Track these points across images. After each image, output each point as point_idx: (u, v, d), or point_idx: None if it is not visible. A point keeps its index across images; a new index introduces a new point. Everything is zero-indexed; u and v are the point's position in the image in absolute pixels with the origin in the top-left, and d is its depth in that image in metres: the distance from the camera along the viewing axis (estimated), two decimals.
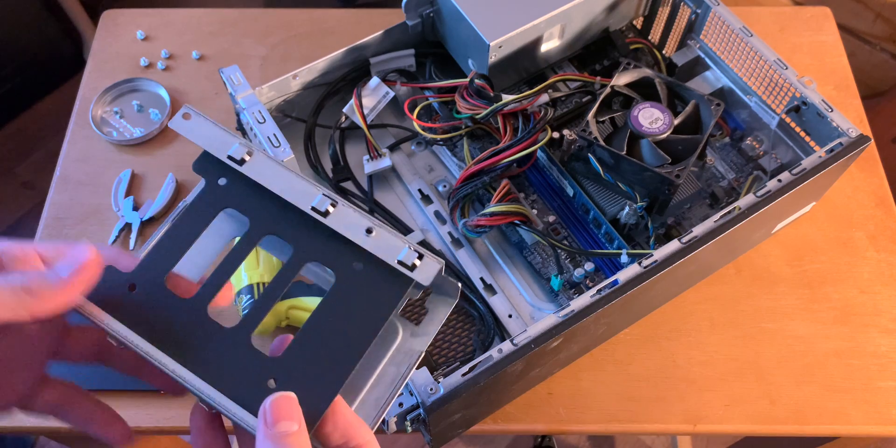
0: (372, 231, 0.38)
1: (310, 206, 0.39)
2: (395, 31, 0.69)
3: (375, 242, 0.38)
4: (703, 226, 0.56)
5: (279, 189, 0.39)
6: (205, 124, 0.40)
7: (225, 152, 0.40)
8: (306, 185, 0.39)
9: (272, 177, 0.39)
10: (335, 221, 0.39)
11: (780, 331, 0.67)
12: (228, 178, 0.41)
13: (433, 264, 0.38)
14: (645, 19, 0.74)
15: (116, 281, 0.39)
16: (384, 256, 0.38)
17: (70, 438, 0.75)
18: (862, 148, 0.59)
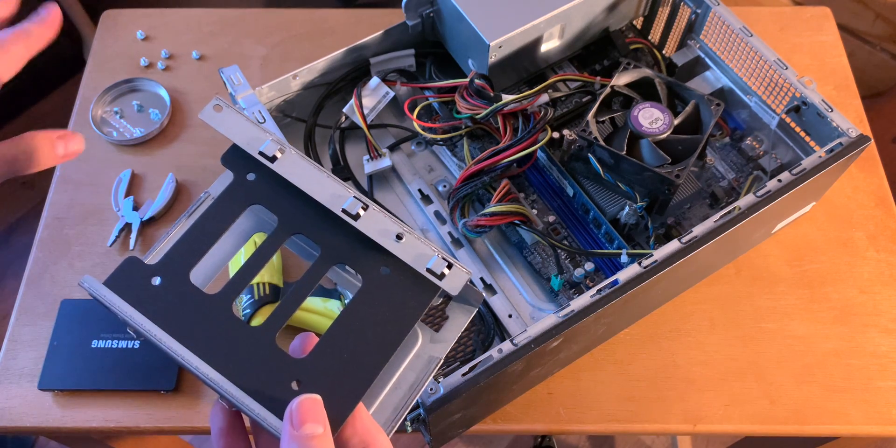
0: (402, 237, 0.38)
1: (340, 208, 0.38)
2: (395, 31, 0.69)
3: (405, 249, 0.38)
4: (703, 226, 0.56)
5: (310, 189, 0.39)
6: (236, 117, 0.40)
7: (256, 148, 0.39)
8: (338, 187, 0.38)
9: (303, 176, 0.39)
10: (366, 225, 0.38)
11: (780, 331, 0.67)
12: (258, 174, 0.40)
13: (462, 274, 0.38)
14: (645, 19, 0.74)
15: (140, 272, 0.38)
16: (413, 263, 0.38)
17: (70, 438, 0.75)
18: (862, 148, 0.59)
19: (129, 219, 0.72)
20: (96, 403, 0.64)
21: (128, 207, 0.73)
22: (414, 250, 0.38)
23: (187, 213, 0.40)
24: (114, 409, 0.63)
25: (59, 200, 0.74)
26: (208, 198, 0.40)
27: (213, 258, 0.40)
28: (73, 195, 0.74)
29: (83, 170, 0.76)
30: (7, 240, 1.46)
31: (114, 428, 0.63)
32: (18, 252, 1.44)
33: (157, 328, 0.37)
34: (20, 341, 0.67)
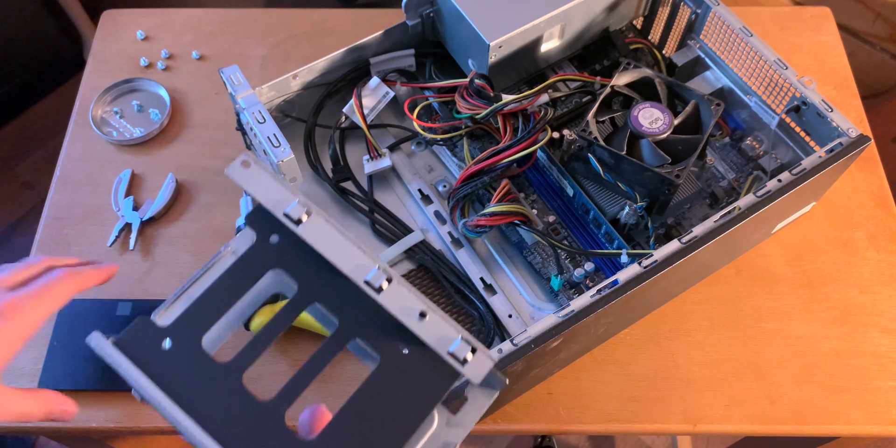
0: (426, 315, 0.36)
1: (363, 280, 0.36)
2: (395, 31, 0.69)
3: (427, 328, 0.36)
4: (703, 226, 0.56)
5: (333, 256, 0.37)
6: (263, 176, 0.38)
7: (282, 209, 0.37)
8: (362, 256, 0.37)
9: (328, 242, 0.37)
10: (388, 300, 0.36)
11: (780, 331, 0.67)
12: (281, 236, 0.39)
13: (486, 361, 0.36)
14: (645, 19, 0.74)
15: (151, 334, 0.37)
16: (435, 345, 0.36)
17: (70, 438, 0.75)
18: (862, 148, 0.59)
19: (129, 219, 0.72)
20: (96, 403, 0.64)
21: (128, 207, 0.73)
22: (437, 331, 0.36)
23: (206, 267, 0.38)
24: (114, 409, 0.63)
25: (59, 200, 0.74)
26: (228, 252, 0.39)
27: (226, 320, 0.38)
28: (73, 195, 0.74)
29: (83, 170, 0.76)
30: (7, 240, 1.46)
31: (114, 428, 0.63)
32: (18, 252, 1.44)
33: (163, 395, 0.35)
34: None
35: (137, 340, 0.36)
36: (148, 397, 0.35)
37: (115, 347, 0.36)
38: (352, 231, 0.69)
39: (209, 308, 0.37)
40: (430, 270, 0.67)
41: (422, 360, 0.36)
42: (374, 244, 0.68)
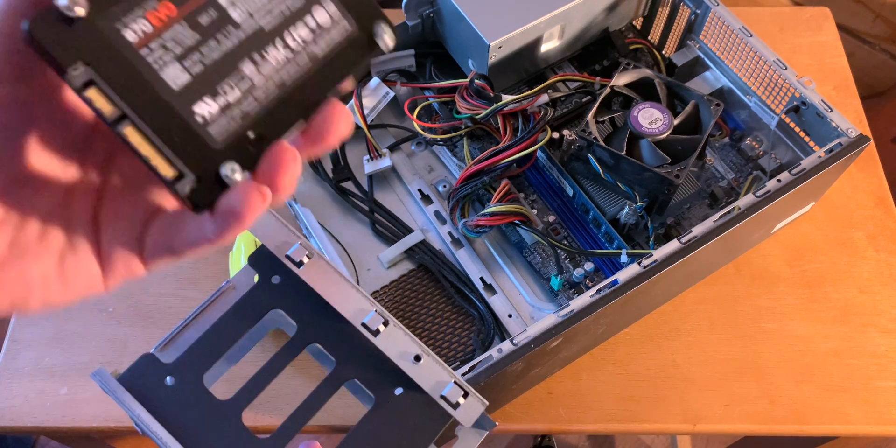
0: (420, 359, 0.38)
1: (360, 323, 0.38)
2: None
3: (421, 371, 0.38)
4: (703, 226, 0.56)
5: (333, 299, 0.38)
6: (267, 217, 0.39)
7: (284, 251, 0.39)
8: (361, 299, 0.38)
9: (328, 284, 0.38)
10: (384, 342, 0.38)
11: (780, 331, 0.67)
12: (283, 278, 0.40)
13: (477, 405, 0.37)
14: (644, 19, 0.74)
15: (154, 371, 0.38)
16: (428, 388, 0.38)
17: (70, 438, 0.76)
18: (861, 148, 0.59)
19: None
20: (97, 403, 0.64)
21: None
22: (430, 374, 0.38)
23: (208, 301, 0.40)
24: (114, 409, 0.63)
25: None
26: (230, 289, 0.40)
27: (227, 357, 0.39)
28: None
29: None
30: None
31: (114, 427, 0.63)
32: None
33: (165, 431, 0.36)
34: (21, 341, 0.67)
35: (141, 376, 0.38)
36: (150, 433, 0.36)
37: (118, 383, 0.37)
38: (352, 231, 0.69)
39: (211, 346, 0.39)
40: (430, 270, 0.67)
41: (415, 402, 0.38)
42: (374, 244, 0.68)
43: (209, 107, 0.27)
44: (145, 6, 0.26)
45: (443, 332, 0.64)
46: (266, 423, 0.60)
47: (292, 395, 0.60)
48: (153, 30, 0.26)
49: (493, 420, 0.39)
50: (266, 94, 0.28)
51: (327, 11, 0.30)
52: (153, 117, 0.25)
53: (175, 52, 0.26)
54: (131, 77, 0.25)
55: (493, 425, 0.40)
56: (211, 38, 0.27)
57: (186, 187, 0.26)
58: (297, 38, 0.29)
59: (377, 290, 0.66)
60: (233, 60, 0.27)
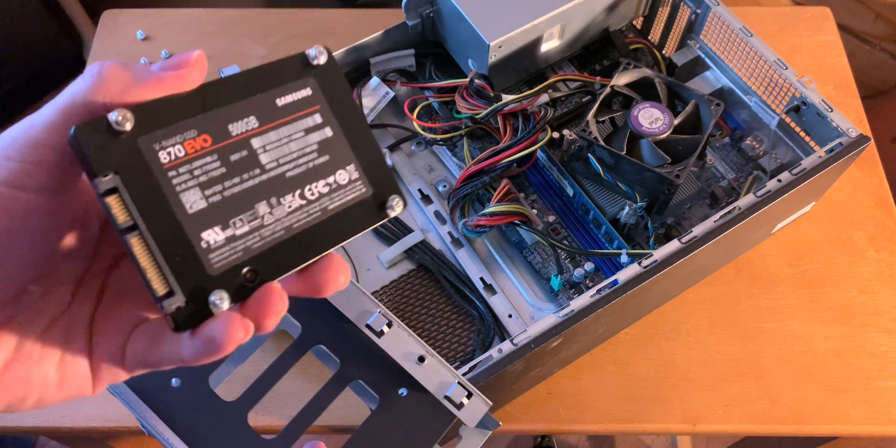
0: (424, 360, 0.38)
1: (365, 324, 0.38)
2: (395, 31, 0.69)
3: (425, 372, 0.38)
4: (703, 226, 0.56)
5: (337, 300, 0.39)
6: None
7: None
8: (365, 301, 0.39)
9: None
10: (388, 343, 0.38)
11: (780, 331, 0.67)
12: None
13: (481, 405, 0.38)
14: (645, 19, 0.74)
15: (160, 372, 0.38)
16: (432, 389, 0.38)
17: (70, 438, 0.75)
18: (862, 148, 0.59)
19: None
20: (96, 403, 0.64)
21: None
22: (434, 375, 0.38)
23: None
24: (114, 409, 0.63)
25: None
26: None
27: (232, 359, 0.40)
28: None
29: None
30: None
31: (114, 428, 0.63)
32: None
33: (171, 433, 0.37)
34: None
35: (147, 378, 0.38)
36: (156, 434, 0.37)
37: (125, 384, 0.38)
38: None
39: None
40: (430, 270, 0.67)
41: (419, 403, 0.38)
42: (374, 244, 0.68)
43: (216, 236, 0.28)
44: (185, 135, 0.28)
45: (443, 333, 0.64)
46: (266, 424, 0.60)
47: (292, 396, 0.60)
48: (185, 155, 0.28)
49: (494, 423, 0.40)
50: (272, 235, 0.29)
51: (349, 174, 0.32)
52: (161, 233, 0.27)
53: (199, 180, 0.28)
54: (153, 193, 0.27)
55: (497, 425, 0.40)
56: (236, 175, 0.29)
57: (173, 305, 0.27)
58: (314, 190, 0.31)
59: (377, 290, 0.66)
60: (250, 198, 0.29)
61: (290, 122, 0.30)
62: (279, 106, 0.30)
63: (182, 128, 0.28)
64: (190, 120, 0.28)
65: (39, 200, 0.27)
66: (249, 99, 0.30)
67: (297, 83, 0.31)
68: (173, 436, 0.36)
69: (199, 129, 0.28)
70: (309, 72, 0.31)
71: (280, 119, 0.30)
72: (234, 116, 0.29)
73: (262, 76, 0.30)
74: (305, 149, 0.31)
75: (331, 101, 0.32)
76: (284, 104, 0.30)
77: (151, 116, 0.27)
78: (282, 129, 0.30)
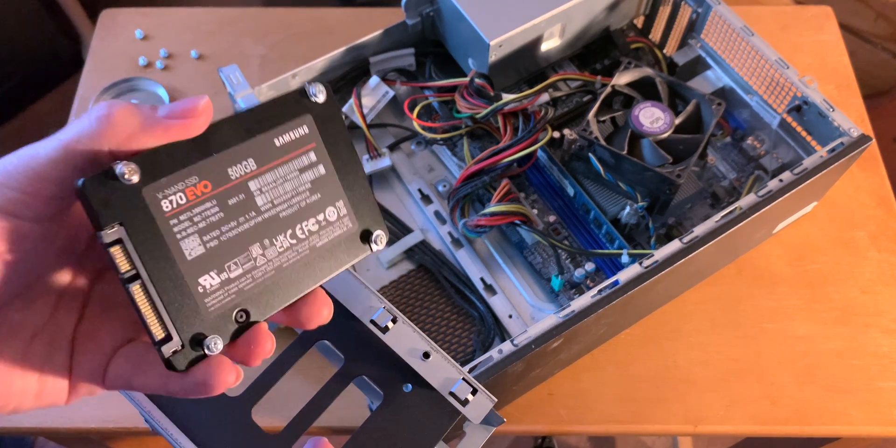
0: (429, 356, 0.38)
1: (369, 319, 0.38)
2: (394, 30, 0.69)
3: (430, 368, 0.38)
4: (705, 226, 0.55)
5: (341, 295, 0.39)
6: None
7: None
8: (370, 296, 0.39)
9: (336, 281, 0.39)
10: (393, 339, 0.38)
11: (781, 331, 0.67)
12: None
13: (486, 402, 0.38)
14: (646, 18, 0.74)
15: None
16: (437, 385, 0.38)
17: (68, 439, 0.75)
18: (863, 147, 0.59)
19: None
20: (95, 404, 0.63)
21: None
22: (440, 371, 0.38)
23: None
24: (113, 410, 0.63)
25: None
26: None
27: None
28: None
29: None
30: None
31: (112, 429, 0.63)
32: None
33: (176, 428, 0.37)
34: None
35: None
36: (161, 430, 0.37)
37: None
38: None
39: None
40: (430, 270, 0.66)
41: (424, 399, 0.38)
42: None
43: (213, 280, 0.29)
44: (187, 182, 0.28)
45: (443, 333, 0.64)
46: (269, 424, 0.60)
47: (295, 395, 0.59)
48: (186, 202, 0.28)
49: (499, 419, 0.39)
50: (263, 276, 0.30)
51: (338, 211, 0.32)
52: (161, 281, 0.27)
53: (199, 226, 0.28)
54: (155, 242, 0.27)
55: (502, 421, 0.40)
56: (233, 219, 0.29)
57: (171, 350, 0.28)
58: (305, 229, 0.31)
59: (377, 290, 0.66)
60: (245, 241, 0.30)
61: (287, 163, 0.31)
62: (277, 146, 0.30)
63: (184, 175, 0.28)
64: (192, 167, 0.28)
65: (34, 228, 0.27)
66: (249, 141, 0.30)
67: (294, 121, 0.31)
68: (177, 431, 0.36)
69: (201, 176, 0.28)
70: (307, 109, 0.31)
71: (277, 159, 0.30)
72: (233, 160, 0.29)
73: (262, 115, 0.30)
74: (299, 188, 0.31)
75: (326, 139, 0.32)
76: (282, 144, 0.31)
77: (155, 165, 0.27)
78: (278, 170, 0.30)
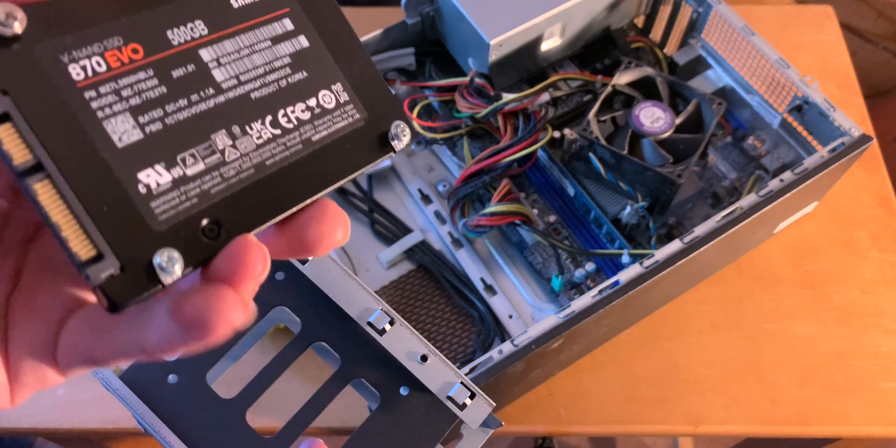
0: (427, 359, 0.37)
1: (366, 322, 0.37)
2: (394, 29, 0.69)
3: (427, 372, 0.37)
4: (705, 226, 0.55)
5: (338, 297, 0.38)
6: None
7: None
8: (367, 297, 0.38)
9: (333, 282, 0.38)
10: (390, 342, 0.37)
11: (782, 331, 0.67)
12: (287, 274, 0.39)
13: (484, 406, 0.37)
14: (646, 18, 0.74)
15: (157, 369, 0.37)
16: (435, 389, 0.37)
17: (67, 440, 0.75)
18: (864, 147, 0.59)
19: None
20: (94, 404, 0.63)
21: None
22: (437, 374, 0.37)
23: None
24: (112, 410, 0.63)
25: None
26: None
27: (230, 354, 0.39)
28: None
29: None
30: None
31: (112, 429, 0.63)
32: None
33: (168, 430, 0.36)
34: None
35: (143, 374, 0.37)
36: (153, 431, 0.36)
37: (121, 381, 0.37)
38: (352, 231, 0.68)
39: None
40: (429, 271, 0.66)
41: (421, 402, 0.38)
42: (374, 244, 0.68)
43: (159, 177, 0.21)
44: (107, 43, 0.21)
45: (443, 333, 0.64)
46: (264, 424, 0.60)
47: (291, 396, 0.59)
48: (108, 70, 0.21)
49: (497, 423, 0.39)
50: (238, 175, 0.23)
51: (335, 96, 0.25)
52: (78, 175, 0.20)
53: (130, 103, 0.21)
54: (63, 120, 0.20)
55: (500, 424, 0.39)
56: (182, 96, 0.22)
57: (102, 274, 0.20)
58: (291, 116, 0.24)
59: (376, 290, 0.66)
60: (204, 127, 0.22)
61: (251, 29, 0.24)
62: (235, 7, 0.24)
63: (101, 34, 0.21)
64: (112, 23, 0.21)
65: None
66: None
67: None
68: (170, 434, 0.36)
69: (126, 36, 0.21)
70: None
71: (237, 25, 0.24)
72: (173, 20, 0.22)
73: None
74: (274, 63, 0.24)
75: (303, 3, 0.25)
76: (243, 5, 0.24)
77: (55, 17, 0.20)
78: (240, 38, 0.24)
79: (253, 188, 0.23)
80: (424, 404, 0.38)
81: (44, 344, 0.22)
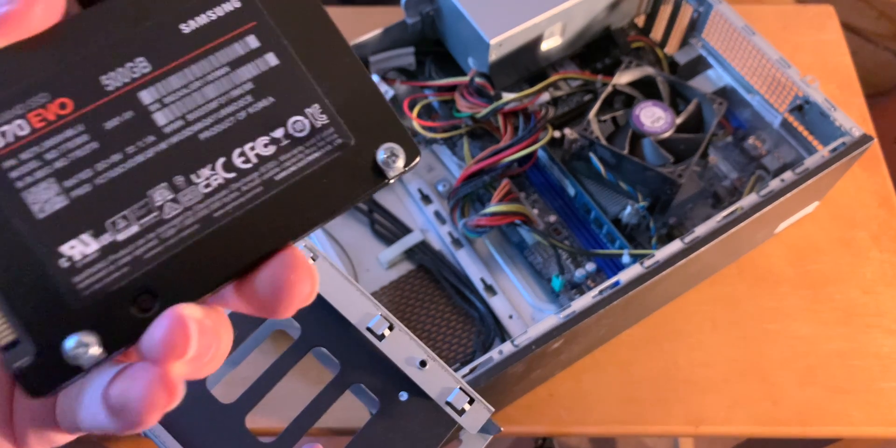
0: (426, 364, 0.37)
1: (366, 327, 0.37)
2: (394, 29, 0.69)
3: (426, 377, 0.37)
4: (706, 226, 0.55)
5: (337, 302, 0.37)
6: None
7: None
8: (366, 303, 0.38)
9: (333, 287, 0.38)
10: (389, 347, 0.37)
11: (783, 332, 0.67)
12: None
13: (483, 411, 0.37)
14: (647, 17, 0.74)
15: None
16: (433, 394, 0.37)
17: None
18: (865, 147, 0.59)
19: None
20: None
21: None
22: (436, 380, 0.37)
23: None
24: None
25: None
26: None
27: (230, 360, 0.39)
28: None
29: None
30: None
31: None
32: None
33: (168, 435, 0.36)
34: None
35: None
36: (152, 436, 0.36)
37: None
38: (351, 231, 0.68)
39: None
40: (429, 271, 0.66)
41: (420, 408, 0.37)
42: (374, 244, 0.68)
43: (84, 247, 0.19)
44: (29, 103, 0.19)
45: (443, 334, 0.64)
46: (264, 426, 0.60)
47: (291, 399, 0.59)
48: (31, 133, 0.19)
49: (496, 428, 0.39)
50: (178, 234, 0.20)
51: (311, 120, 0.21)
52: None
53: (55, 167, 0.19)
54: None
55: (498, 430, 0.39)
56: (115, 151, 0.20)
57: (17, 362, 0.18)
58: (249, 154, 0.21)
59: (376, 290, 0.66)
60: (140, 182, 0.20)
61: (203, 56, 0.21)
62: (185, 33, 0.20)
63: (23, 93, 0.19)
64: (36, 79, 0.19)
65: None
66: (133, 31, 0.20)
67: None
68: (169, 438, 0.36)
69: (54, 91, 0.19)
70: None
71: (186, 54, 0.20)
72: (108, 63, 0.20)
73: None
74: (232, 93, 0.21)
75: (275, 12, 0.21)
76: (195, 29, 0.21)
77: None
78: (189, 69, 0.20)
79: (197, 247, 0.20)
80: (423, 410, 0.38)
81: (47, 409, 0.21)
